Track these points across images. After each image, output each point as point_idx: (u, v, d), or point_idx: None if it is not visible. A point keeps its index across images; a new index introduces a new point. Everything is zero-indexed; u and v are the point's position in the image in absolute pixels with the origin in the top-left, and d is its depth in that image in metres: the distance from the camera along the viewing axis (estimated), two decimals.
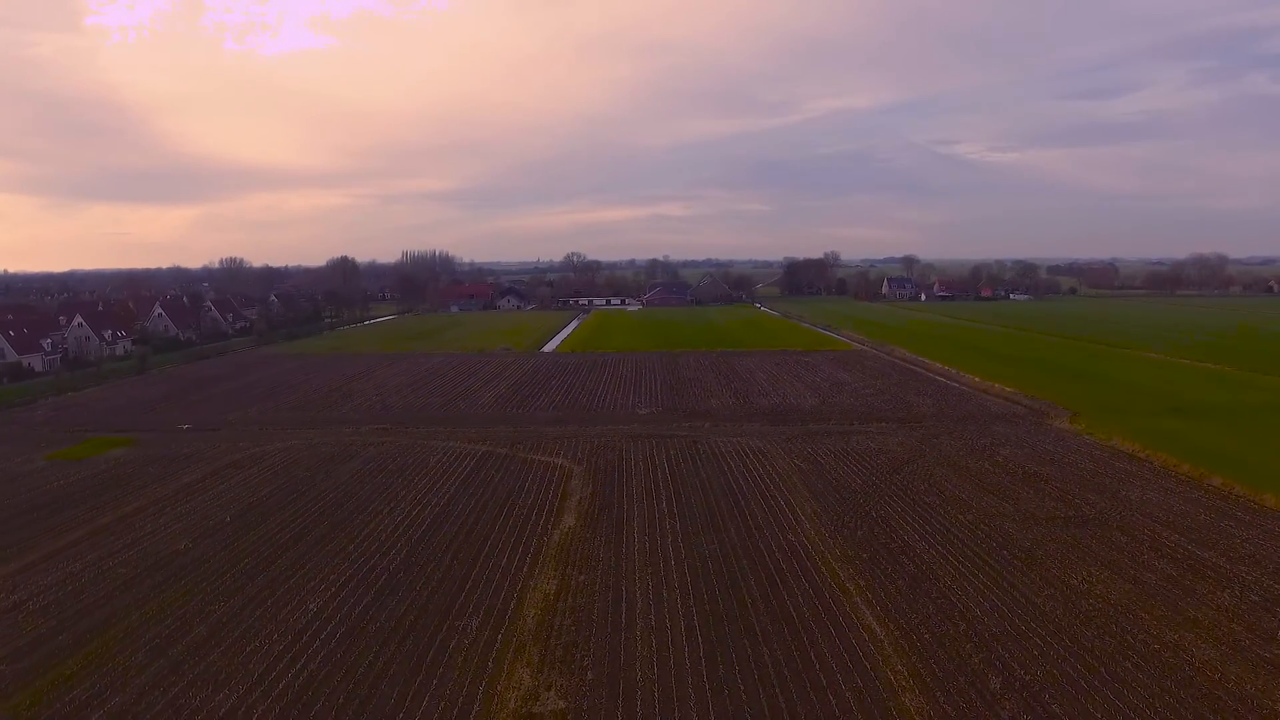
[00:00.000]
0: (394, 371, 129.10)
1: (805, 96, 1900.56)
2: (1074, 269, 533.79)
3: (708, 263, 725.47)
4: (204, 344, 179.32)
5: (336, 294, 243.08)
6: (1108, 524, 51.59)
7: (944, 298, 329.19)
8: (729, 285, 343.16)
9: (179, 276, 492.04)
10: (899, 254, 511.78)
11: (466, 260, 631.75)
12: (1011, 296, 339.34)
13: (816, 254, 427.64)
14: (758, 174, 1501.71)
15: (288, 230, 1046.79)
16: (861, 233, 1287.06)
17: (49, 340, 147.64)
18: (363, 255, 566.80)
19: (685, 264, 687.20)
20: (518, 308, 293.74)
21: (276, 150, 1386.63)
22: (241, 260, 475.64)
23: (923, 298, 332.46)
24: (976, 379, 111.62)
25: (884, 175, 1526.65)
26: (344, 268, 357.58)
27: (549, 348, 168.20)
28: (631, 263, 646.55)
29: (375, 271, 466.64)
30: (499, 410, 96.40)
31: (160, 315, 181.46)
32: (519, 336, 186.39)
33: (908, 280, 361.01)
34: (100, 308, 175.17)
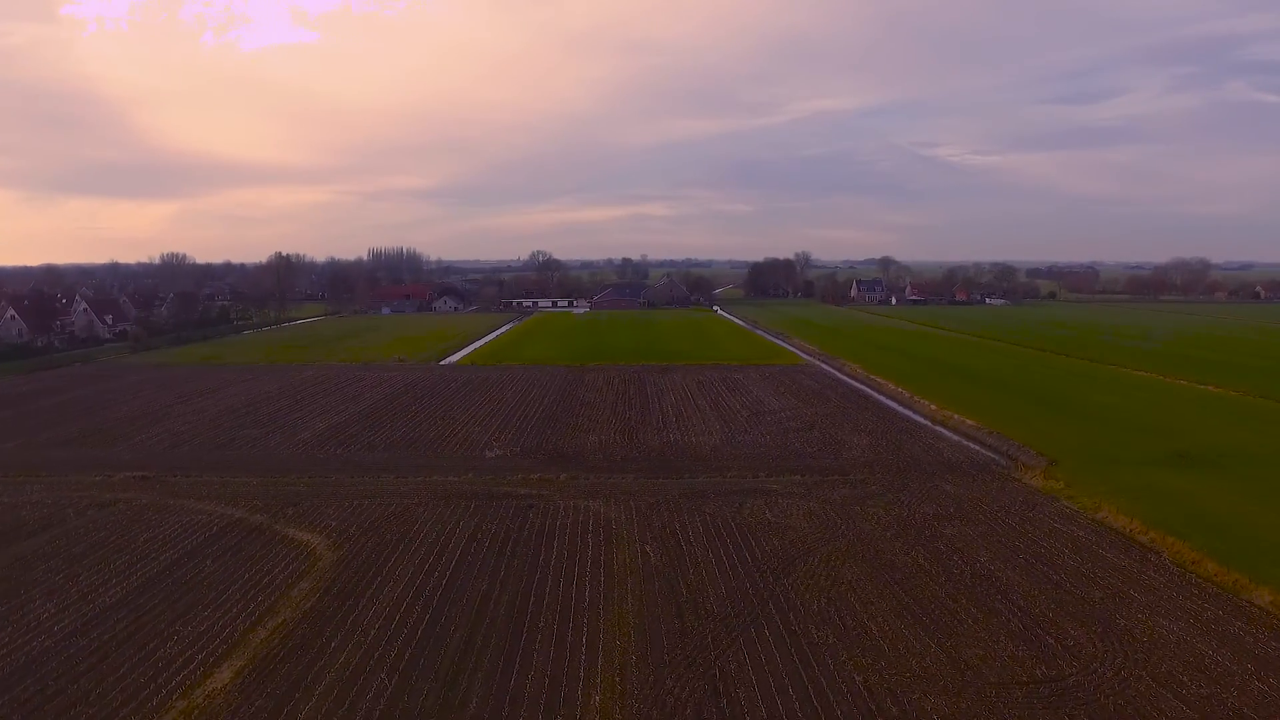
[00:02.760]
0: (241, 390, 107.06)
1: (789, 97, 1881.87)
2: (1053, 272, 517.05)
3: (686, 263, 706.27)
4: (65, 351, 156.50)
5: (245, 294, 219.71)
6: (1100, 704, 30.65)
7: (916, 302, 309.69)
8: (688, 287, 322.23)
9: (115, 272, 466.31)
10: (879, 255, 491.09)
11: (434, 258, 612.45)
12: (988, 301, 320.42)
13: (798, 255, 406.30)
14: (741, 175, 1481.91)
15: (268, 227, 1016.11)
16: (843, 234, 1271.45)
17: None
18: (344, 253, 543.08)
19: (663, 264, 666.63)
20: (455, 309, 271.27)
21: (257, 146, 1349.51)
22: (185, 256, 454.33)
23: (893, 301, 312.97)
24: (933, 406, 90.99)
25: (866, 177, 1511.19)
26: (279, 266, 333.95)
27: (455, 357, 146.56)
28: (609, 262, 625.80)
29: (334, 269, 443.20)
30: (316, 449, 74.80)
31: (13, 318, 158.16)
32: (429, 344, 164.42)
33: (878, 283, 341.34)
34: None
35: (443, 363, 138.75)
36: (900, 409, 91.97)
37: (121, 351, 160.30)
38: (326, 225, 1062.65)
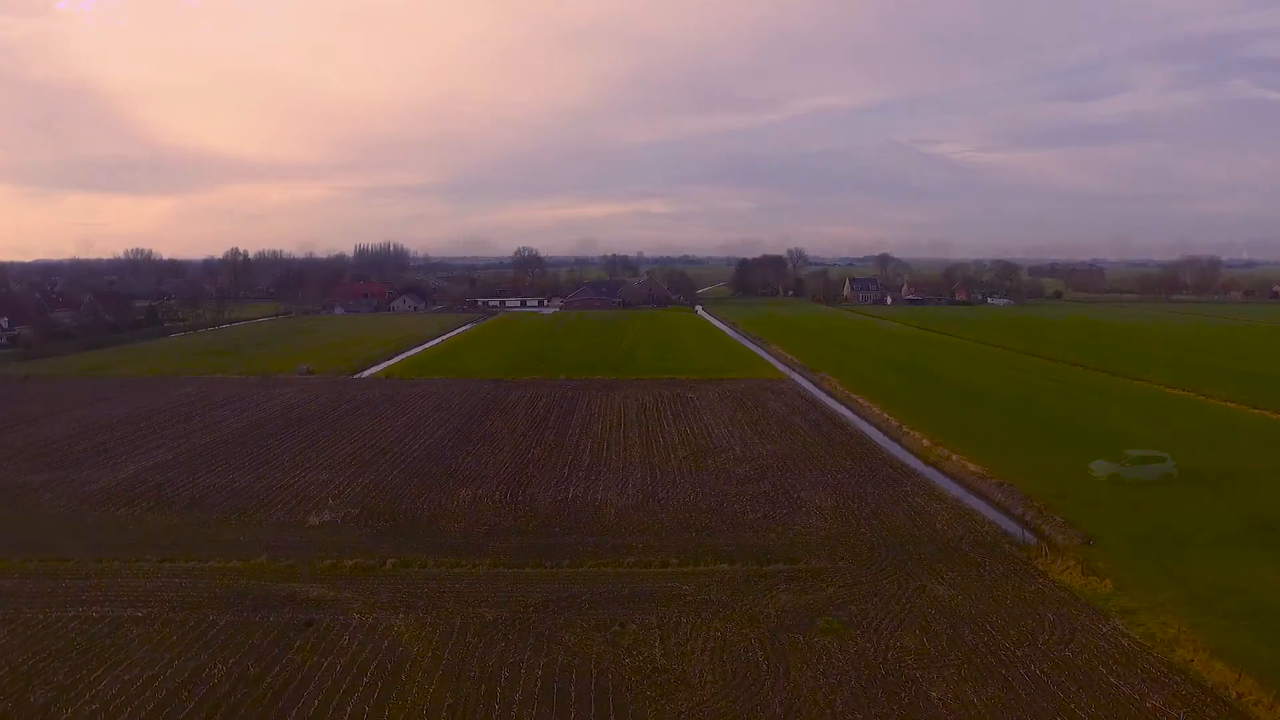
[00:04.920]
0: (79, 415, 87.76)
1: (789, 94, 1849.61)
2: (1055, 270, 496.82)
3: (683, 260, 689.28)
4: None
5: (170, 294, 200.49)
6: None
7: (913, 301, 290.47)
8: (673, 284, 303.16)
9: (79, 269, 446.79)
10: (878, 253, 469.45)
11: (422, 255, 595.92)
12: (989, 300, 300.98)
13: (790, 251, 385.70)
14: (741, 171, 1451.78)
15: (267, 222, 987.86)
16: (842, 231, 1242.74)
17: None
18: (341, 249, 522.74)
19: (659, 261, 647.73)
20: (414, 309, 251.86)
21: (257, 141, 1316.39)
22: (150, 252, 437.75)
23: (888, 301, 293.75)
24: (925, 440, 71.84)
25: (867, 174, 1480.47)
26: (234, 263, 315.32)
27: (378, 367, 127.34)
28: (602, 258, 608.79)
29: (288, 266, 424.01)
30: (91, 508, 55.51)
31: None
32: (358, 350, 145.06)
33: (873, 281, 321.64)
34: None
35: (359, 374, 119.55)
36: (884, 443, 72.79)
37: (12, 358, 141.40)
38: (325, 222, 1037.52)
